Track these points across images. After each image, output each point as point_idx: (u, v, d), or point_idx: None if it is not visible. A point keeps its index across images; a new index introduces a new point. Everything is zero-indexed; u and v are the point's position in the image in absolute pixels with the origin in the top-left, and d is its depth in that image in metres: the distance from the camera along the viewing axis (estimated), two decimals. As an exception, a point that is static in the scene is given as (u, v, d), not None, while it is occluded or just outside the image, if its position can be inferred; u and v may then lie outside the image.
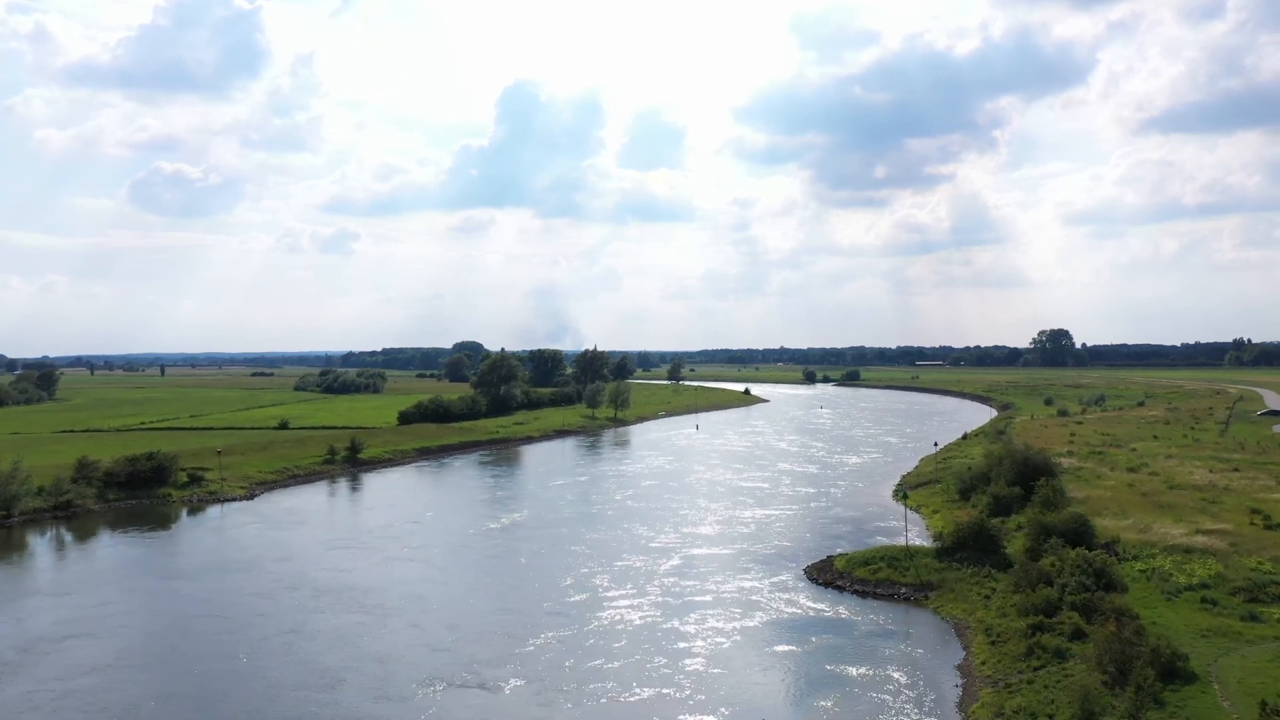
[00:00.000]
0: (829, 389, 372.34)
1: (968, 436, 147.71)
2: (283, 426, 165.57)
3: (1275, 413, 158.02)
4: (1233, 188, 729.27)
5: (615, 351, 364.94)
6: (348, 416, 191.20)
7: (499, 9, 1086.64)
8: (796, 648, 49.80)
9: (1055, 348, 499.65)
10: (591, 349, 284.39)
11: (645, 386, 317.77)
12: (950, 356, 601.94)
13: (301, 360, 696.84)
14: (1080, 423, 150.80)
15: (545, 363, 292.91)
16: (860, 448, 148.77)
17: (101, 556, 76.83)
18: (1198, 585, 51.11)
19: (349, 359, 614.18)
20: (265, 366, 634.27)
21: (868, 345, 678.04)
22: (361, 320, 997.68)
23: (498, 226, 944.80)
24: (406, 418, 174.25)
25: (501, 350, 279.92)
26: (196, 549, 78.67)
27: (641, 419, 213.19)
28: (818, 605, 57.59)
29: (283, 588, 63.31)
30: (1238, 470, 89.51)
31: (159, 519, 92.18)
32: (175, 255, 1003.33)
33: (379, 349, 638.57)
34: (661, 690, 43.76)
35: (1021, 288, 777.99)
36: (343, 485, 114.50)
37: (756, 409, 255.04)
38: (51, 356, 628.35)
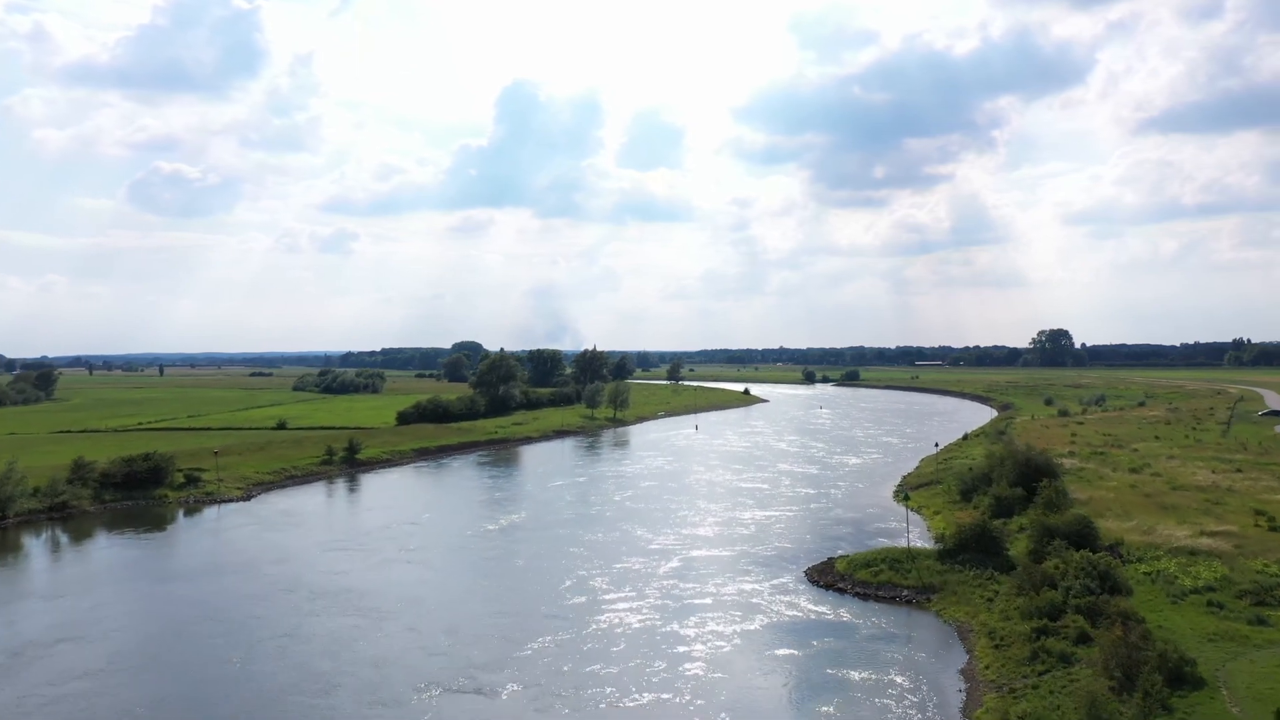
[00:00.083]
0: (828, 389, 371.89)
1: (968, 437, 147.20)
2: (280, 427, 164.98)
3: (1276, 413, 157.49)
4: (1231, 188, 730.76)
5: (614, 351, 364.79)
6: (346, 417, 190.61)
7: (498, 9, 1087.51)
8: (797, 651, 49.21)
9: (1055, 348, 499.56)
10: (590, 349, 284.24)
11: (644, 387, 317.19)
12: (950, 356, 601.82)
13: (301, 360, 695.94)
14: (1081, 423, 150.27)
15: (544, 363, 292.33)
16: (860, 448, 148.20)
17: (96, 558, 76.22)
18: (1203, 588, 50.58)
19: (348, 359, 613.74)
20: (264, 367, 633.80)
21: (867, 345, 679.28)
22: (361, 320, 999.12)
23: (497, 226, 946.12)
24: (405, 418, 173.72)
25: (500, 350, 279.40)
26: (192, 551, 78.05)
27: (641, 419, 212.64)
28: (819, 608, 57.01)
29: (278, 590, 62.69)
30: (1240, 471, 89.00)
31: (155, 520, 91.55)
32: (174, 255, 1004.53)
33: (378, 349, 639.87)
34: (661, 695, 43.17)
35: (1021, 288, 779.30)
36: (340, 486, 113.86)
37: (756, 409, 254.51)
38: (50, 356, 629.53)
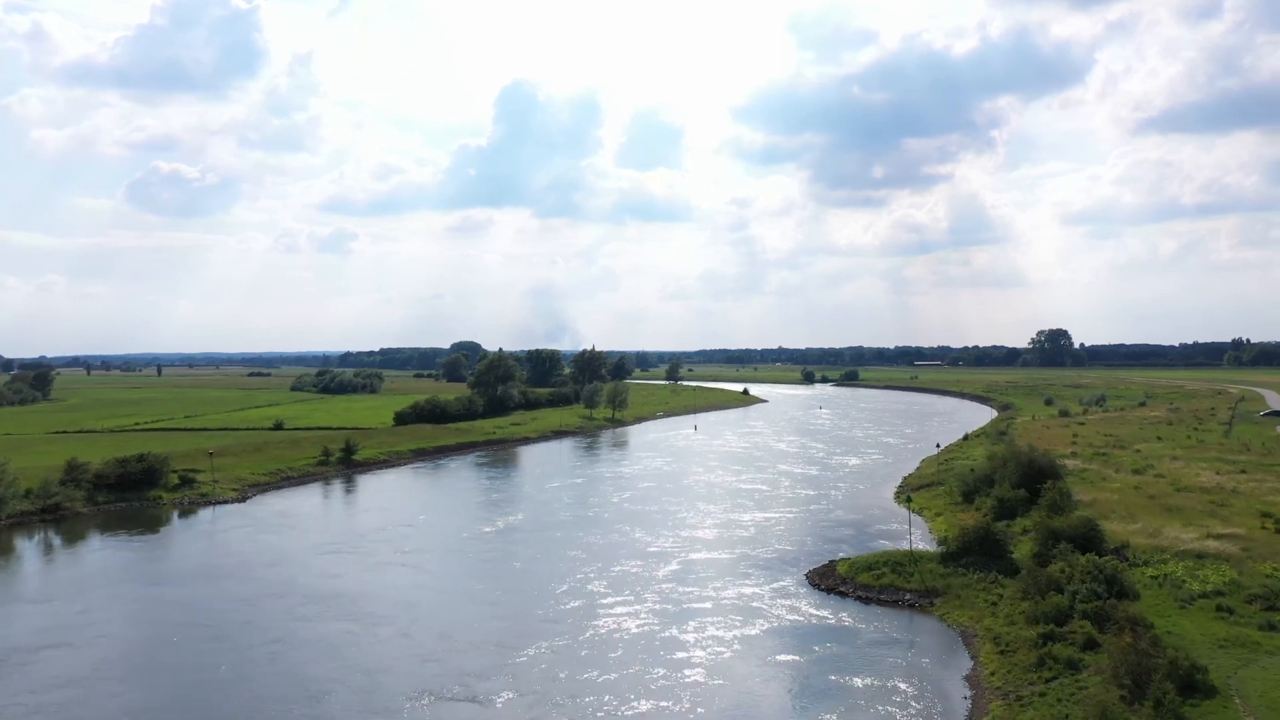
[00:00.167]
0: (828, 389, 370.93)
1: (969, 437, 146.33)
2: (277, 427, 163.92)
3: (1278, 413, 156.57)
4: (1230, 188, 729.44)
5: (613, 351, 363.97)
6: (344, 417, 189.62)
7: (497, 9, 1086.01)
8: (799, 657, 48.25)
9: (1054, 348, 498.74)
10: (589, 349, 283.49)
11: (643, 387, 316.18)
12: (949, 357, 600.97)
13: (299, 360, 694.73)
14: (1082, 423, 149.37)
15: (543, 363, 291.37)
16: (860, 448, 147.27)
17: (87, 561, 75.20)
18: (1212, 592, 49.59)
19: (347, 359, 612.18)
20: (263, 367, 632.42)
21: (866, 345, 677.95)
22: (360, 320, 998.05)
23: (496, 226, 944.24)
24: (403, 418, 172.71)
25: (499, 350, 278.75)
26: (184, 553, 77.04)
27: (640, 419, 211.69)
28: (820, 612, 56.05)
29: (270, 594, 61.67)
30: (1244, 472, 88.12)
31: (148, 522, 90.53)
32: (173, 255, 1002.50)
33: (377, 349, 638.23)
34: (660, 703, 42.20)
35: (1019, 288, 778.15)
36: (336, 487, 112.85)
37: (755, 409, 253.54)
38: (49, 356, 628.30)
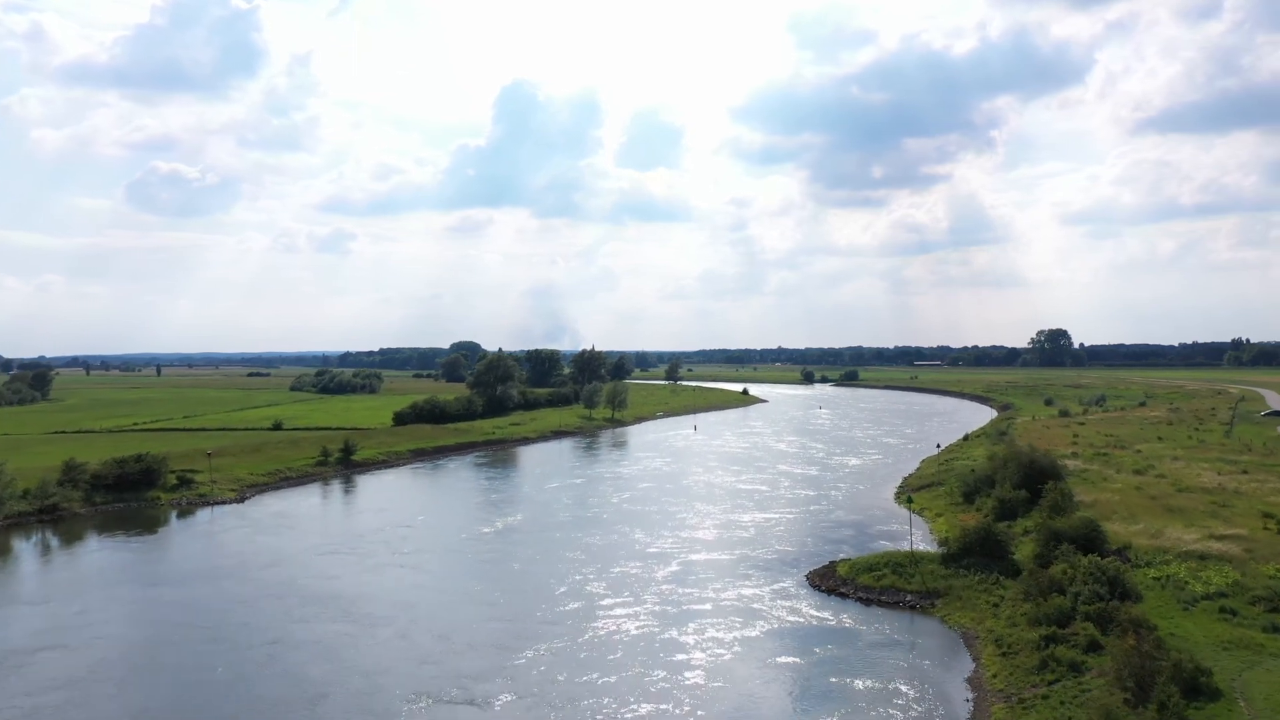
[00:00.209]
0: (827, 389, 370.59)
1: (969, 438, 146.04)
2: (276, 427, 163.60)
3: (1279, 413, 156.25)
4: (1229, 188, 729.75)
5: (613, 351, 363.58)
6: (343, 417, 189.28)
7: (496, 9, 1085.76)
8: (799, 659, 47.94)
9: (1054, 348, 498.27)
10: (589, 349, 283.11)
11: (643, 387, 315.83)
12: (948, 356, 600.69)
13: (299, 360, 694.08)
14: (1082, 423, 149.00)
15: (542, 363, 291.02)
16: (860, 449, 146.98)
17: (84, 562, 74.88)
18: (1215, 594, 49.25)
19: (346, 359, 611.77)
20: (262, 367, 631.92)
21: (865, 345, 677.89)
22: (359, 320, 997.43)
23: (495, 226, 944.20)
24: (401, 418, 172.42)
25: (498, 350, 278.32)
26: (182, 554, 76.68)
27: (639, 419, 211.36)
28: (821, 614, 55.74)
29: (268, 595, 61.34)
30: (1246, 473, 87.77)
31: (146, 522, 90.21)
32: (172, 255, 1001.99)
33: (376, 349, 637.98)
34: (659, 706, 41.90)
35: (1019, 288, 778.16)
36: (335, 488, 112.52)
37: (755, 409, 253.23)
38: (48, 356, 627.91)
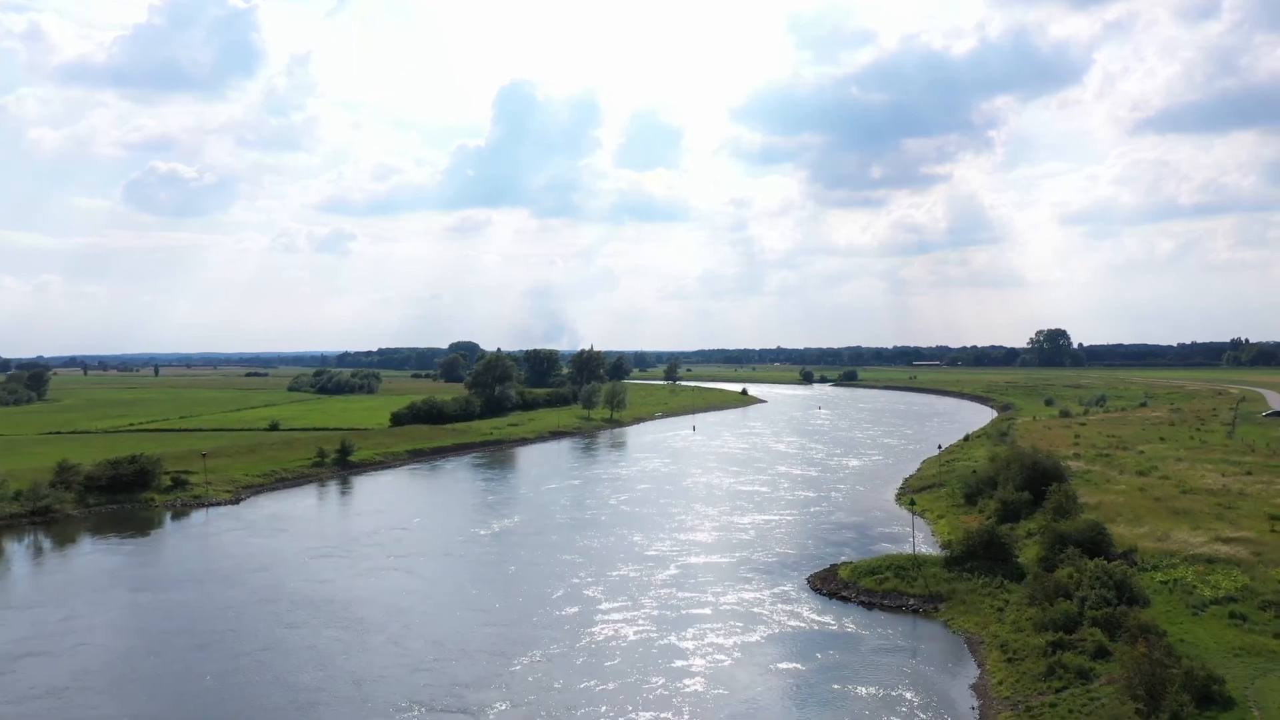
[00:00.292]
0: (826, 389, 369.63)
1: (970, 438, 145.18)
2: (273, 428, 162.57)
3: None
4: (1228, 188, 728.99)
5: (611, 352, 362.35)
6: (340, 418, 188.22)
7: (495, 9, 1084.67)
8: (801, 665, 46.99)
9: (1053, 348, 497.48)
10: (587, 349, 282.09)
11: (642, 387, 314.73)
12: (947, 357, 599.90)
13: (297, 360, 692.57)
14: (1084, 424, 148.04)
15: (541, 363, 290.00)
16: (860, 449, 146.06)
17: (75, 565, 73.84)
18: (1224, 599, 48.36)
19: (345, 359, 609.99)
20: (260, 367, 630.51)
21: (864, 345, 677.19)
22: (358, 320, 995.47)
23: (494, 226, 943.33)
24: (399, 419, 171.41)
25: (497, 350, 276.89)
26: (174, 557, 75.62)
27: (638, 420, 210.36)
28: (823, 618, 54.79)
29: (260, 600, 60.31)
30: (1250, 474, 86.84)
31: (140, 524, 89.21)
32: (170, 255, 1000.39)
33: (375, 349, 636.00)
34: (658, 714, 40.94)
35: (1018, 288, 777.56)
36: (331, 489, 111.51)
37: (754, 409, 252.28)
38: (46, 356, 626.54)
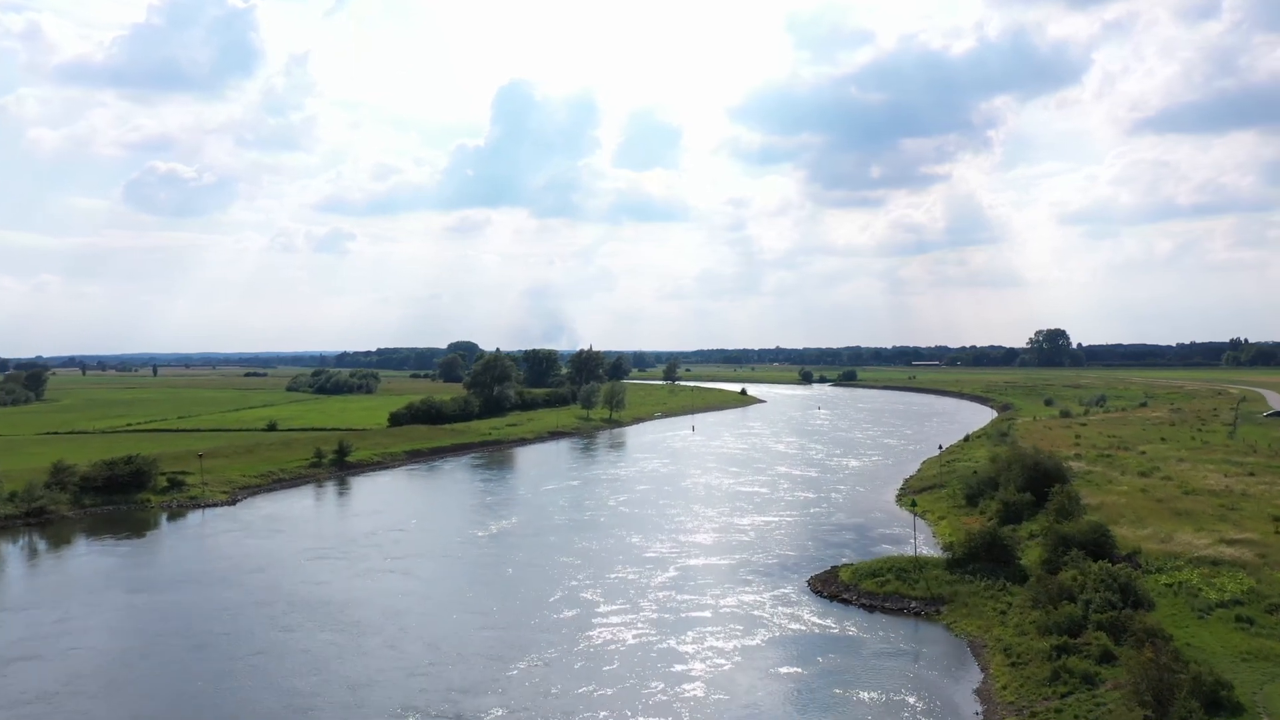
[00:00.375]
0: (826, 389, 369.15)
1: (970, 438, 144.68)
2: (271, 428, 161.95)
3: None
4: (1227, 188, 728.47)
5: (610, 352, 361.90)
6: (339, 418, 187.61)
7: (494, 8, 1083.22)
8: (802, 669, 46.40)
9: (1052, 348, 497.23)
10: (586, 349, 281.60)
11: (641, 387, 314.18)
12: (946, 357, 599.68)
13: (296, 360, 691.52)
14: (1084, 424, 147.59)
15: (540, 363, 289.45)
16: (860, 450, 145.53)
17: (69, 567, 73.25)
18: (1230, 602, 47.80)
19: (344, 359, 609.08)
20: (259, 367, 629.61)
21: (863, 345, 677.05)
22: (357, 320, 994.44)
23: (493, 226, 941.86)
24: (397, 419, 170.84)
25: (496, 350, 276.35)
26: (169, 559, 75.03)
27: (637, 420, 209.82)
28: (824, 621, 54.23)
29: (255, 602, 59.71)
30: (1253, 475, 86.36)
31: (135, 526, 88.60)
32: (169, 255, 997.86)
33: (374, 349, 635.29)
34: (658, 719, 40.35)
35: (1017, 288, 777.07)
36: (329, 490, 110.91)
37: (753, 410, 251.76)
38: (45, 356, 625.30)
